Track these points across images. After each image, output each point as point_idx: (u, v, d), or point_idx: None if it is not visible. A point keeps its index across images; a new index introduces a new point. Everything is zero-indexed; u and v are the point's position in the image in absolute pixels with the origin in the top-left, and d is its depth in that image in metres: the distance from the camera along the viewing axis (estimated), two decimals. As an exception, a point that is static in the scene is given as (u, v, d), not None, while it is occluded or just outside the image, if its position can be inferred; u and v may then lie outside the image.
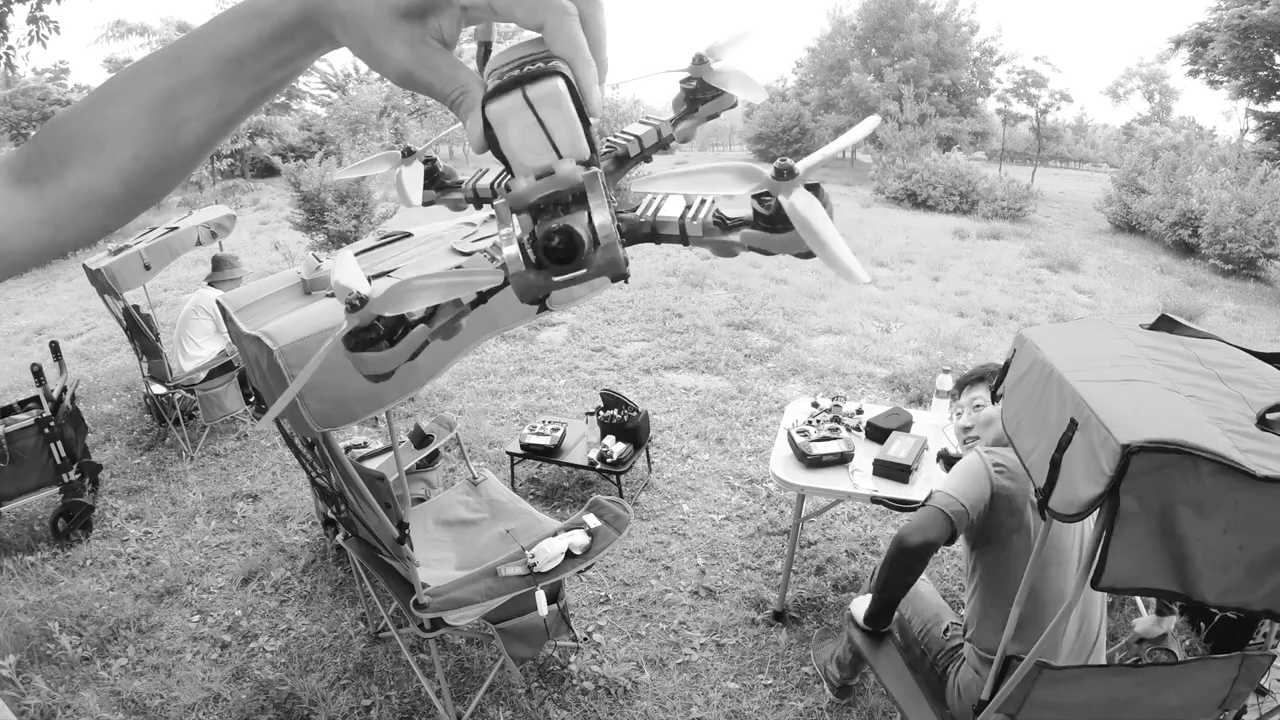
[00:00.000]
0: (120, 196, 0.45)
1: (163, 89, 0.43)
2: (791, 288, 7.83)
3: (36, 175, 0.45)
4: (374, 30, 0.35)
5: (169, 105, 0.43)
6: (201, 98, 0.43)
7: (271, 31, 0.40)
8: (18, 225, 0.44)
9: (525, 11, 0.33)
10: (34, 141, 0.46)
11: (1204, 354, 1.52)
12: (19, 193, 0.44)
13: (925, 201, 15.45)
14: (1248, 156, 15.47)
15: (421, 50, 0.35)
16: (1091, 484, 1.23)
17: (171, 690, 2.63)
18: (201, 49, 0.42)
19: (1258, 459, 1.15)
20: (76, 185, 0.44)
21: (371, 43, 0.35)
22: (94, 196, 0.45)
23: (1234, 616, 2.42)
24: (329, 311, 1.76)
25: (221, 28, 0.42)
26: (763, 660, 2.70)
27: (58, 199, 0.45)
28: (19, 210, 0.44)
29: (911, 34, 23.25)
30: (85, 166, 0.44)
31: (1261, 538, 1.16)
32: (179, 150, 0.45)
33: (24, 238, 0.45)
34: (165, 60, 0.43)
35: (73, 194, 0.45)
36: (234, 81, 0.42)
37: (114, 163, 0.44)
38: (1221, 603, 1.19)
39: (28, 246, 0.45)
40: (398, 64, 0.35)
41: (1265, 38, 15.92)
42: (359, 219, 10.18)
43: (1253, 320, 8.19)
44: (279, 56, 0.41)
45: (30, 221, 0.45)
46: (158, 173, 0.45)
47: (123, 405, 5.05)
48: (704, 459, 4.16)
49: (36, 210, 0.45)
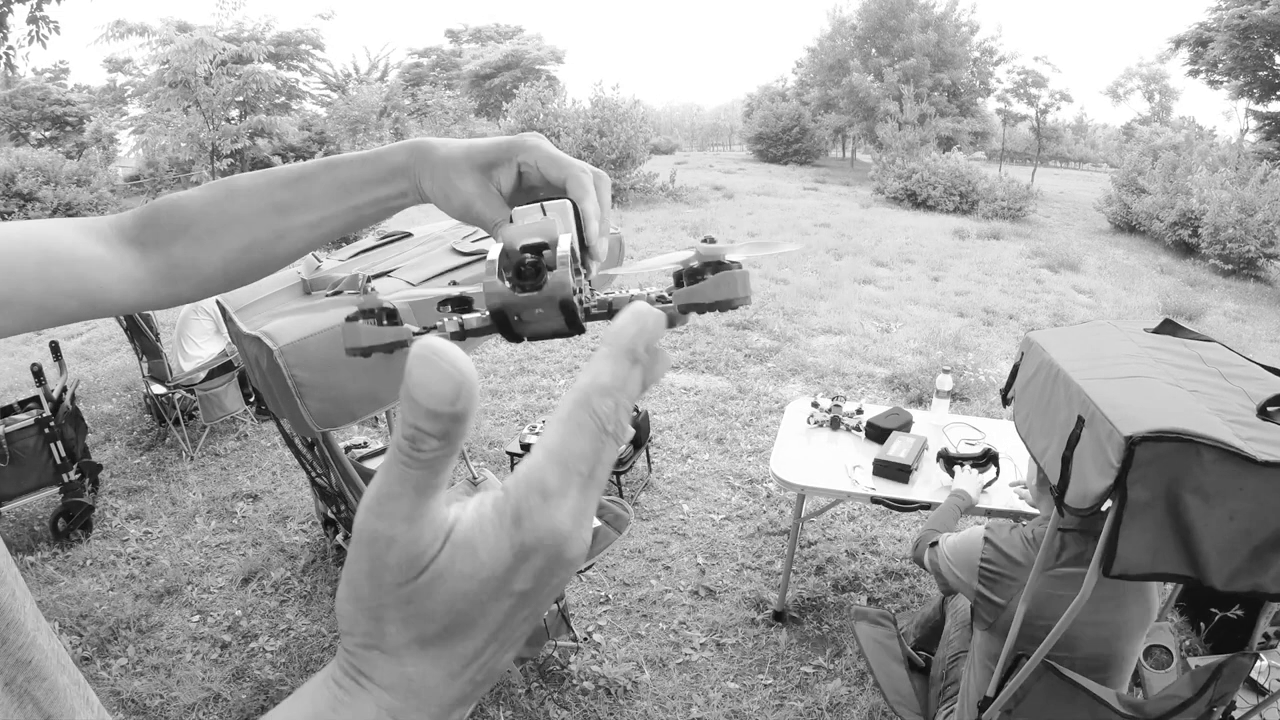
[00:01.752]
0: (215, 276, 0.55)
1: (282, 200, 0.52)
2: (791, 288, 7.83)
3: (145, 240, 0.53)
4: (455, 173, 0.48)
5: (283, 213, 0.52)
6: (309, 214, 0.52)
7: (378, 174, 0.51)
8: (120, 278, 0.52)
9: (555, 170, 0.46)
10: (151, 211, 0.54)
11: (1206, 354, 1.55)
12: (127, 251, 0.53)
13: (925, 201, 15.45)
14: (1248, 156, 15.47)
15: (483, 190, 0.48)
16: (1101, 477, 1.26)
17: (171, 690, 2.63)
18: (323, 175, 0.52)
19: (1259, 446, 1.18)
20: (181, 258, 0.53)
21: (452, 180, 0.48)
22: (193, 270, 0.54)
23: (1233, 617, 2.42)
24: (329, 311, 1.76)
25: (342, 164, 0.52)
26: (763, 660, 2.71)
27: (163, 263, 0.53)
28: (125, 266, 0.52)
29: (911, 34, 23.25)
30: (194, 244, 0.53)
31: (1266, 522, 1.18)
32: (277, 253, 0.54)
33: (124, 290, 0.53)
34: (290, 175, 0.53)
35: (175, 264, 0.53)
36: (337, 206, 0.52)
37: (221, 248, 0.53)
38: (1231, 587, 1.21)
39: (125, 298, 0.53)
40: (465, 196, 0.48)
41: (1265, 38, 15.93)
42: (359, 219, 10.21)
43: (1253, 320, 8.19)
44: (375, 196, 0.52)
45: (132, 278, 0.53)
46: (253, 265, 0.55)
47: (123, 405, 5.05)
48: (704, 459, 4.16)
49: (139, 270, 0.53)
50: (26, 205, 11.25)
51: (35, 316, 0.50)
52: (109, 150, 17.93)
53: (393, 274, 1.99)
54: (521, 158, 0.47)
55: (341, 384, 1.70)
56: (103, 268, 0.52)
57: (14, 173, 11.40)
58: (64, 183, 11.80)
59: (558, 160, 0.46)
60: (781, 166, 25.17)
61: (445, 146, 0.49)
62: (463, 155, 0.48)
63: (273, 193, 0.53)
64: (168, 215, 0.53)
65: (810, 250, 9.93)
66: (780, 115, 26.56)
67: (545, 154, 0.47)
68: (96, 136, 18.33)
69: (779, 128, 26.55)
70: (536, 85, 17.68)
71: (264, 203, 0.52)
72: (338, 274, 1.97)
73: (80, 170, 12.43)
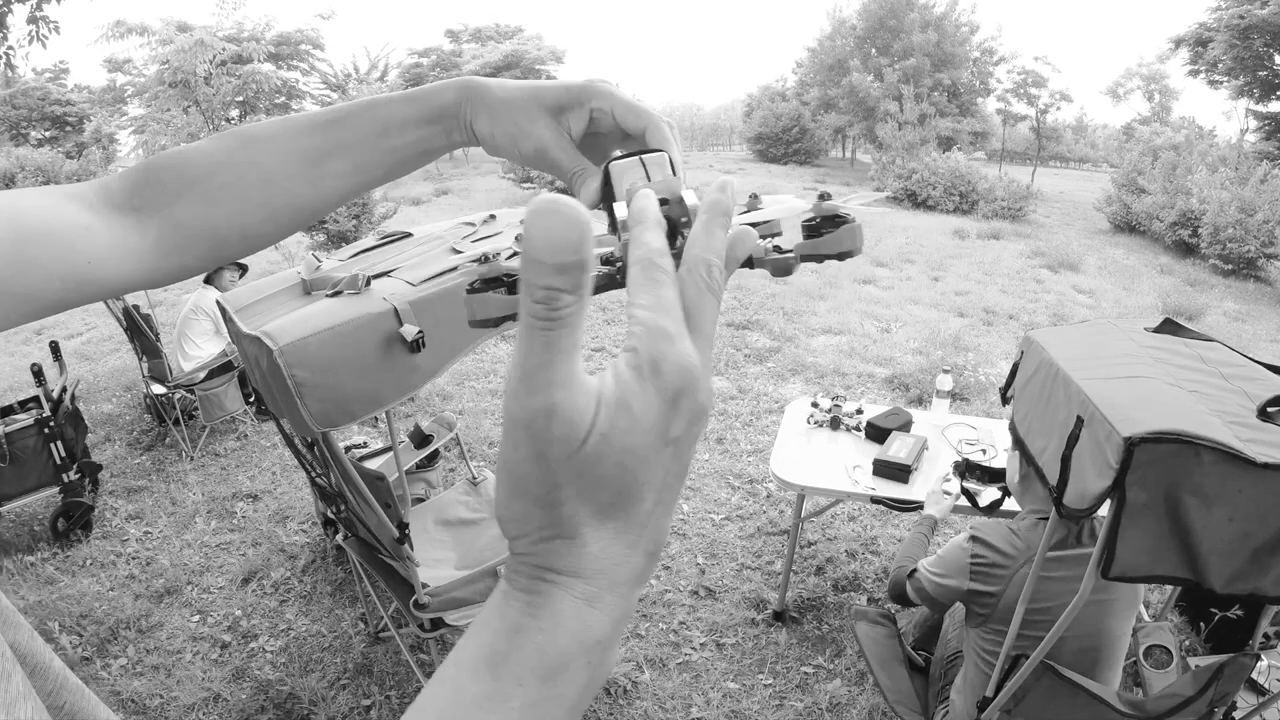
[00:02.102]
0: (232, 236, 0.48)
1: (311, 146, 0.46)
2: (792, 288, 7.82)
3: (141, 204, 0.46)
4: (523, 115, 0.44)
5: (315, 160, 0.47)
6: (345, 161, 0.47)
7: (422, 114, 0.46)
8: (113, 249, 0.44)
9: (635, 119, 0.43)
10: (141, 171, 0.47)
11: (1206, 354, 1.54)
12: (119, 219, 0.45)
13: (925, 201, 15.45)
14: (1248, 156, 15.47)
15: (557, 135, 0.44)
16: (1100, 478, 1.26)
17: (171, 690, 2.63)
18: (359, 117, 0.47)
19: (1258, 448, 1.17)
20: (188, 219, 0.46)
21: (520, 124, 0.44)
22: (205, 233, 0.47)
23: (1233, 617, 2.42)
24: (329, 311, 1.75)
25: (381, 104, 0.47)
26: (763, 660, 2.70)
27: (164, 230, 0.46)
28: (118, 235, 0.45)
29: (911, 34, 23.25)
30: (203, 202, 0.46)
31: (1264, 524, 1.18)
32: (307, 204, 0.48)
33: (118, 264, 0.45)
34: (319, 121, 0.47)
35: (181, 227, 0.46)
36: (376, 151, 0.47)
37: (239, 204, 0.46)
38: (1230, 590, 1.21)
39: (121, 273, 0.45)
40: (539, 140, 0.44)
41: (1265, 38, 15.93)
42: (359, 219, 10.18)
43: (1253, 320, 8.19)
44: (419, 136, 0.47)
45: (127, 248, 0.45)
46: (280, 223, 0.49)
47: (123, 405, 5.05)
48: (704, 459, 4.16)
49: (135, 238, 0.45)
50: (26, 205, 11.25)
51: (13, 306, 0.42)
52: (109, 150, 17.93)
53: (393, 274, 1.99)
54: (596, 103, 0.44)
55: (341, 384, 1.70)
56: (90, 239, 0.44)
57: (14, 173, 11.40)
58: (64, 183, 11.79)
59: (635, 109, 0.43)
60: (781, 166, 25.16)
61: (503, 88, 0.45)
62: (530, 96, 0.44)
63: (299, 139, 0.47)
64: (169, 172, 0.46)
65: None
66: (780, 115, 26.54)
67: (622, 102, 0.44)
68: (96, 136, 18.34)
69: (779, 128, 26.53)
70: (536, 85, 17.67)
71: (288, 149, 0.47)
72: (338, 274, 1.97)
73: (80, 170, 12.44)
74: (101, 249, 0.44)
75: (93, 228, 0.44)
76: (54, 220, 0.43)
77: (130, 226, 0.45)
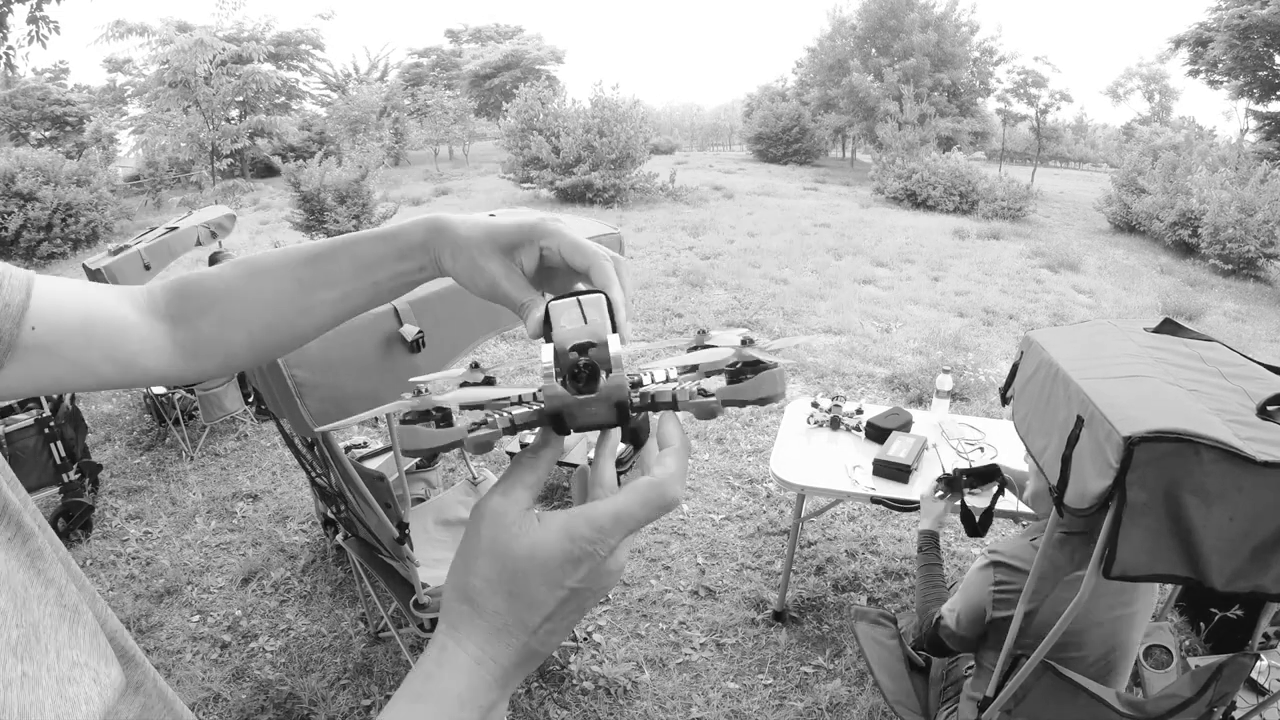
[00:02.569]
0: (241, 351, 0.56)
1: (305, 276, 0.54)
2: (791, 288, 7.83)
3: (174, 314, 0.55)
4: (479, 253, 0.49)
5: (308, 290, 0.54)
6: (333, 291, 0.54)
7: (396, 251, 0.52)
8: (153, 349, 0.54)
9: (580, 259, 0.47)
10: (179, 285, 0.56)
11: (1206, 354, 1.54)
12: (158, 323, 0.55)
13: (925, 201, 15.45)
14: (1248, 156, 15.47)
15: (508, 271, 0.48)
16: (1100, 478, 1.26)
17: (171, 690, 2.63)
18: (343, 253, 0.53)
19: (1258, 446, 1.17)
20: (209, 332, 0.55)
21: (476, 261, 0.49)
22: (221, 344, 0.56)
23: (1233, 617, 2.42)
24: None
25: (361, 241, 0.53)
26: (763, 660, 2.70)
27: (190, 338, 0.55)
28: (157, 337, 0.54)
29: (911, 34, 23.24)
30: (220, 320, 0.55)
31: (1265, 522, 1.18)
32: (302, 328, 0.56)
33: (154, 360, 0.54)
34: (310, 254, 0.54)
35: (203, 338, 0.55)
36: (359, 283, 0.54)
37: (247, 324, 0.55)
38: (1231, 588, 1.21)
39: (155, 368, 0.55)
40: (492, 276, 0.48)
41: (1265, 38, 15.93)
42: (359, 219, 10.19)
43: (1253, 320, 8.19)
44: (395, 271, 0.53)
45: (160, 349, 0.55)
46: (279, 342, 0.57)
47: (123, 405, 5.05)
48: (704, 459, 4.16)
49: (167, 341, 0.55)
50: (26, 205, 11.23)
51: (70, 373, 0.51)
52: (109, 150, 17.92)
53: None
54: (544, 242, 0.48)
55: (341, 384, 1.70)
56: (138, 335, 0.53)
57: (14, 173, 11.38)
58: (64, 183, 11.78)
59: (581, 248, 0.47)
60: (781, 166, 25.16)
61: (465, 225, 0.50)
62: (485, 236, 0.49)
63: (295, 270, 0.54)
64: (195, 291, 0.55)
65: (810, 250, 9.93)
66: (780, 115, 26.55)
67: (568, 241, 0.48)
68: (96, 136, 18.34)
69: (779, 128, 26.54)
70: (536, 85, 17.68)
71: (287, 281, 0.54)
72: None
73: (80, 170, 12.40)
74: (147, 344, 0.54)
75: (140, 326, 0.54)
76: (114, 311, 0.53)
77: (166, 332, 0.55)
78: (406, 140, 25.13)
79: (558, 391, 0.39)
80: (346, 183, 10.14)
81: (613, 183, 14.51)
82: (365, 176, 10.51)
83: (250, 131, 18.20)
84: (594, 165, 14.53)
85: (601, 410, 0.40)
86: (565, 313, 0.42)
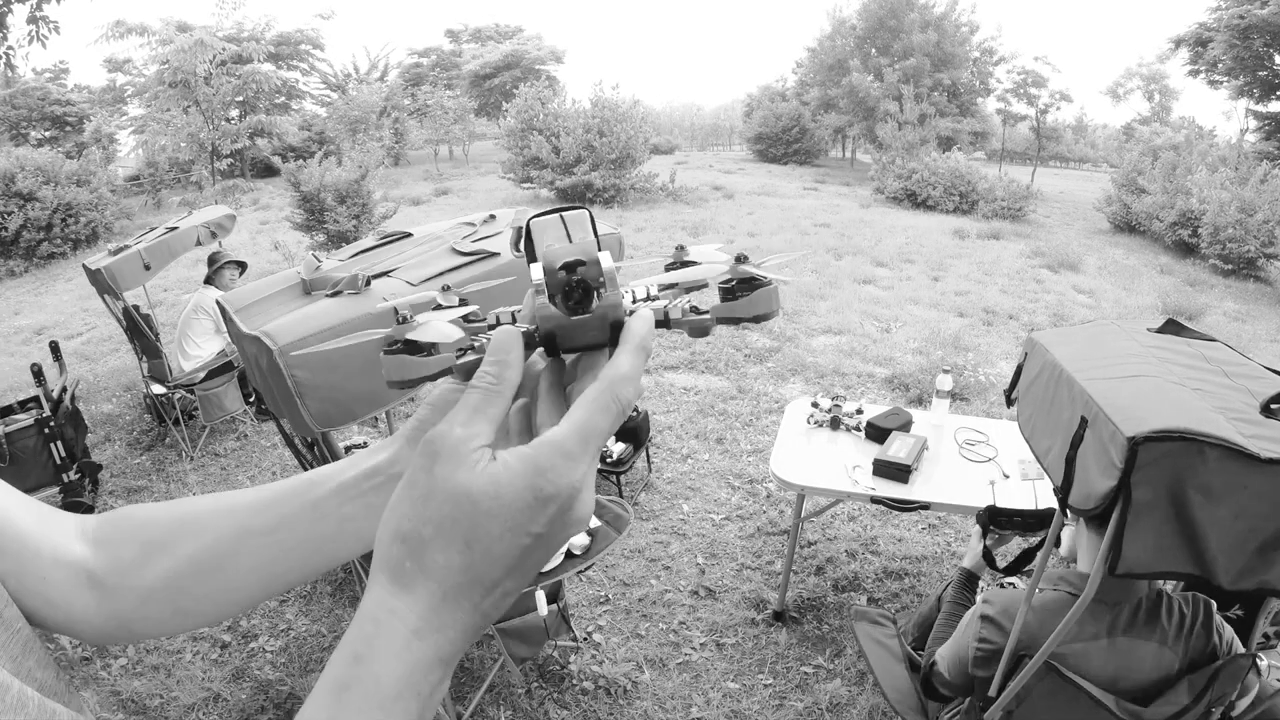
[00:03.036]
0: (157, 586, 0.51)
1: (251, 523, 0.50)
2: (791, 288, 7.83)
3: (100, 537, 0.51)
4: None
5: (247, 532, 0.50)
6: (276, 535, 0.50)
7: None
8: (85, 618, 0.50)
9: None
10: (113, 514, 0.53)
11: (1209, 353, 1.54)
12: (84, 546, 0.51)
13: (925, 201, 15.44)
14: (1248, 156, 15.46)
15: None
16: (1105, 477, 1.26)
17: (171, 690, 2.63)
18: None
19: (1263, 443, 1.17)
20: (128, 559, 0.50)
21: None
22: (137, 574, 0.50)
23: (1233, 617, 2.42)
24: (329, 311, 1.75)
25: None
26: (763, 660, 2.70)
27: (107, 561, 0.50)
28: (76, 559, 0.50)
29: (911, 34, 23.24)
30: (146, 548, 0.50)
31: (1270, 519, 1.18)
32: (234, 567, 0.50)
33: (89, 627, 0.50)
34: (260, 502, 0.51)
35: (119, 564, 0.50)
36: None
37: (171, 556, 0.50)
38: (1237, 585, 1.21)
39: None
40: None
41: (1265, 38, 15.94)
42: (359, 219, 10.18)
43: (1253, 320, 8.19)
44: None
45: (81, 574, 0.50)
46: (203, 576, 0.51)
47: (123, 405, 5.05)
48: (704, 459, 4.16)
49: (89, 563, 0.50)
50: (26, 205, 11.23)
51: None
52: (109, 150, 17.92)
53: (393, 274, 1.99)
54: None
55: (341, 384, 1.70)
56: (55, 559, 0.49)
57: (14, 173, 11.38)
58: (64, 183, 11.78)
59: None
60: (781, 166, 25.16)
61: None
62: None
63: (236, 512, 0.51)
64: (125, 518, 0.52)
65: (810, 250, 9.93)
66: (780, 115, 26.54)
67: None
68: (96, 136, 18.33)
69: (779, 128, 26.52)
70: (536, 85, 17.67)
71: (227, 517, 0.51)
72: (338, 274, 1.97)
73: (80, 170, 12.40)
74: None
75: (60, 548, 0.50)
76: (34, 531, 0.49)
77: (88, 554, 0.51)
78: (406, 140, 25.12)
79: (551, 312, 0.37)
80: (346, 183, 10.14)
81: (613, 183, 14.51)
82: (365, 176, 10.50)
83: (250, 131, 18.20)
84: (594, 165, 14.52)
85: (595, 330, 0.38)
86: (548, 230, 0.40)
